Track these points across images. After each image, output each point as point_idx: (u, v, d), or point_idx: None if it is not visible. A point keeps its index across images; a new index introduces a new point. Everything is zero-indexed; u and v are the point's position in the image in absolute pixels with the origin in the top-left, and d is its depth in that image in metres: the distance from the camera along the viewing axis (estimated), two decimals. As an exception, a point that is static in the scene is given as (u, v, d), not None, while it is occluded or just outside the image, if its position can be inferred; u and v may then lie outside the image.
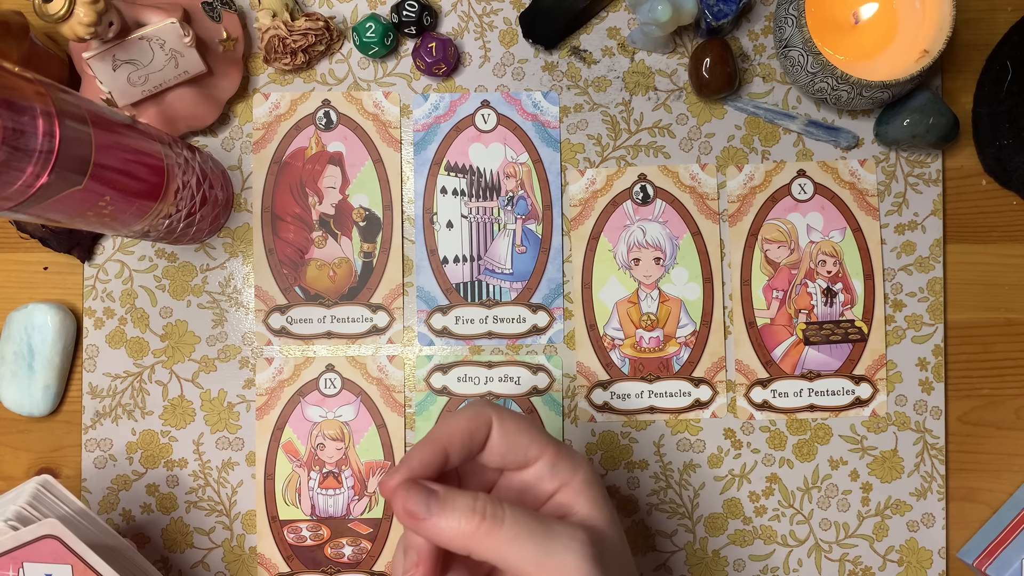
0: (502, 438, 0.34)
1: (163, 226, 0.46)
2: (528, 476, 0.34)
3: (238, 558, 0.52)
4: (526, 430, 0.34)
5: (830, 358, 0.51)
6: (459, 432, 0.33)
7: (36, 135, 0.34)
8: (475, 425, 0.33)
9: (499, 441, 0.34)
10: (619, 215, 0.52)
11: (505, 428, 0.34)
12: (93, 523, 0.45)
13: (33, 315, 0.50)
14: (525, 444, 0.34)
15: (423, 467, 0.32)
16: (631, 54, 0.52)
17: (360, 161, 0.52)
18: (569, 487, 0.34)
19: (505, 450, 0.34)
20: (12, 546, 0.40)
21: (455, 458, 0.33)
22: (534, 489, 0.34)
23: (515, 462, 0.34)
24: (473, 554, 0.31)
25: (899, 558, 0.51)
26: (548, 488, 0.34)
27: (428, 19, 0.51)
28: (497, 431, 0.34)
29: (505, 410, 0.34)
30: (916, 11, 0.47)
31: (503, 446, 0.34)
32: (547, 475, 0.34)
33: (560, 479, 0.34)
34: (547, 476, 0.34)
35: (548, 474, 0.34)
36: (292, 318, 0.52)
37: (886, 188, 0.52)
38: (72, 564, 0.41)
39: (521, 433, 0.34)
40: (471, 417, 0.33)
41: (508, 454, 0.34)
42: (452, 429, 0.33)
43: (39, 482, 0.43)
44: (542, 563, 0.30)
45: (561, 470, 0.34)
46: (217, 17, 0.49)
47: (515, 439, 0.34)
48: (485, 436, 0.34)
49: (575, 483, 0.34)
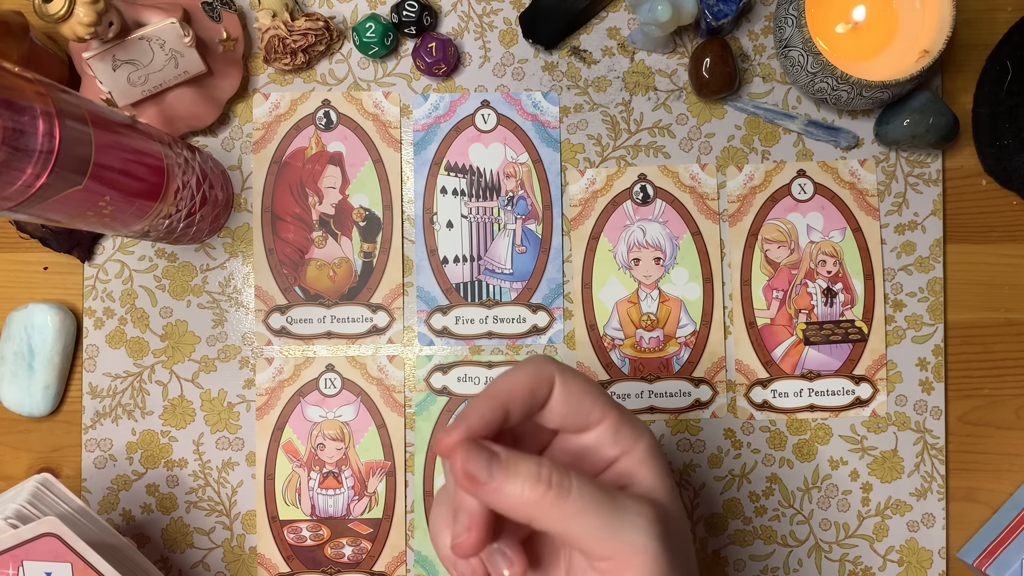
0: (565, 398, 0.31)
1: (163, 226, 0.46)
2: (587, 440, 0.32)
3: (238, 558, 0.52)
4: (589, 391, 0.32)
5: (830, 358, 0.51)
6: (520, 389, 0.31)
7: (36, 135, 0.34)
8: (537, 382, 0.31)
9: (561, 401, 0.31)
10: (619, 215, 0.52)
11: (568, 388, 0.31)
12: (93, 521, 0.45)
13: (33, 315, 0.50)
14: (588, 406, 0.31)
15: (483, 425, 0.29)
16: (631, 54, 0.52)
17: (360, 161, 0.52)
18: (631, 455, 0.32)
19: (566, 411, 0.31)
20: (12, 544, 0.40)
21: (515, 417, 0.30)
22: (593, 454, 0.32)
23: (575, 424, 0.32)
24: (535, 523, 0.29)
25: (899, 558, 0.51)
26: (609, 454, 0.32)
27: (428, 19, 0.51)
28: (560, 390, 0.31)
29: (568, 368, 0.32)
30: (916, 11, 0.47)
31: (565, 407, 0.31)
32: (609, 441, 0.32)
33: (622, 446, 0.31)
34: (609, 442, 0.32)
35: (610, 440, 0.32)
36: (292, 318, 0.52)
37: (886, 188, 0.52)
38: (72, 562, 0.41)
39: (584, 394, 0.31)
40: (533, 374, 0.31)
41: (569, 415, 0.32)
42: (513, 386, 0.31)
43: (39, 480, 0.43)
44: (609, 539, 0.28)
45: (624, 437, 0.31)
46: (217, 17, 0.49)
47: (578, 400, 0.31)
48: (547, 395, 0.31)
49: (638, 451, 0.32)
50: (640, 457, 0.31)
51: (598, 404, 0.32)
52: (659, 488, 0.31)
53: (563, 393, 0.31)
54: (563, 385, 0.31)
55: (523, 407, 0.31)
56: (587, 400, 0.31)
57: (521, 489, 0.28)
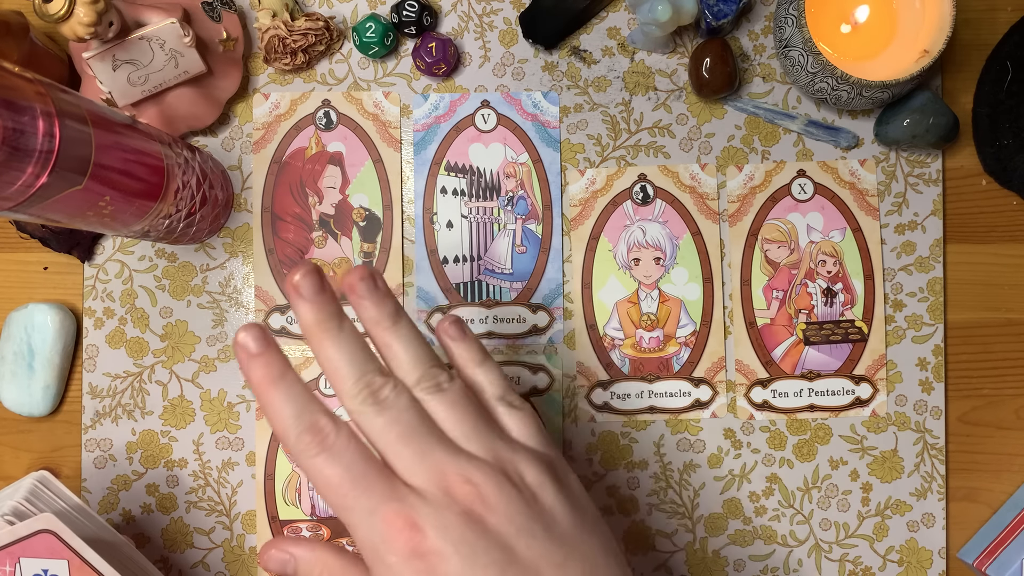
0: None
1: (163, 226, 0.46)
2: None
3: (238, 558, 0.52)
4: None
5: (830, 358, 0.51)
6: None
7: (36, 135, 0.34)
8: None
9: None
10: (619, 215, 0.52)
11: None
12: (90, 519, 0.45)
13: (33, 315, 0.50)
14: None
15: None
16: (631, 54, 0.52)
17: (360, 161, 0.52)
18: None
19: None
20: (8, 541, 0.40)
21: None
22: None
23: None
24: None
25: (899, 558, 0.51)
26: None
27: (428, 19, 0.51)
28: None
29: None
30: (916, 11, 0.47)
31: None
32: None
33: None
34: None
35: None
36: (292, 318, 0.52)
37: (886, 188, 0.52)
38: (68, 559, 0.41)
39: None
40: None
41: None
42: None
43: (36, 478, 0.43)
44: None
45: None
46: (217, 17, 0.49)
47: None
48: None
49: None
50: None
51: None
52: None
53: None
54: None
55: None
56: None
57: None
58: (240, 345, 0.31)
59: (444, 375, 0.32)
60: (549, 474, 0.31)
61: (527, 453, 0.32)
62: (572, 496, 0.32)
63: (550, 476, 0.31)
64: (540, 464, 0.32)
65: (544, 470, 0.31)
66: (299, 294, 0.31)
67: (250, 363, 0.31)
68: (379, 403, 0.31)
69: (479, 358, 0.35)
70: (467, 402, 0.32)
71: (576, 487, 0.33)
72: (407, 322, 0.33)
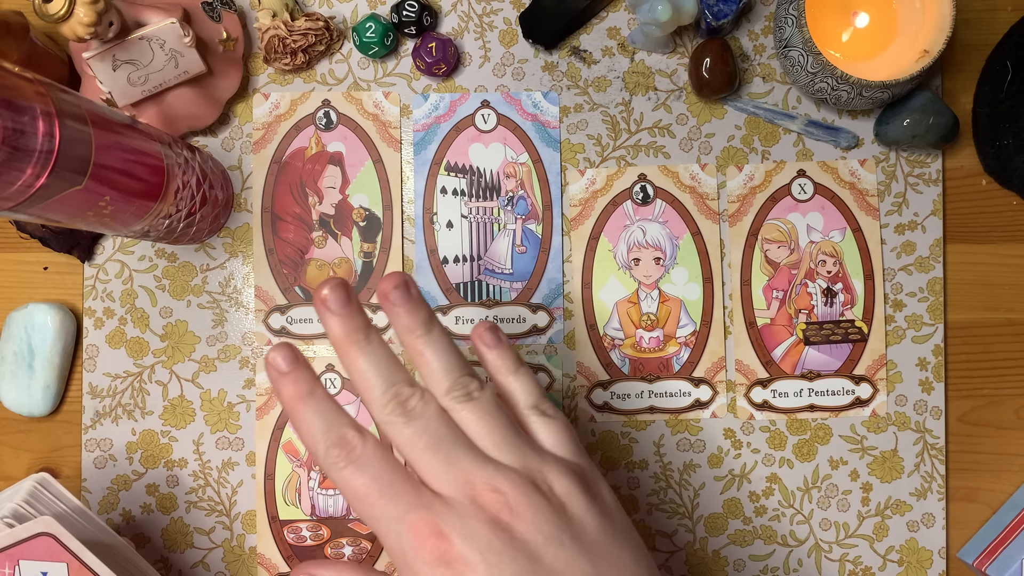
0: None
1: (163, 226, 0.46)
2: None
3: (238, 558, 0.52)
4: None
5: (830, 358, 0.51)
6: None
7: (36, 135, 0.34)
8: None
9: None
10: (619, 215, 0.52)
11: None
12: (90, 521, 0.45)
13: (33, 315, 0.50)
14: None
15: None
16: (631, 54, 0.52)
17: (360, 161, 0.52)
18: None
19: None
20: (7, 544, 0.40)
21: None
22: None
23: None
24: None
25: (899, 558, 0.51)
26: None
27: (428, 19, 0.51)
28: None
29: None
30: (916, 11, 0.47)
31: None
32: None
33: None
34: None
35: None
36: (292, 318, 0.52)
37: (886, 188, 0.52)
38: (68, 562, 0.41)
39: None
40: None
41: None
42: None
43: (36, 480, 0.43)
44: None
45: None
46: (217, 17, 0.49)
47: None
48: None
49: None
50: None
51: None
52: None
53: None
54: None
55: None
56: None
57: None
58: (270, 364, 0.32)
59: (475, 384, 0.32)
60: (579, 484, 0.31)
61: (557, 463, 0.32)
62: (602, 506, 0.32)
63: (580, 486, 0.31)
64: (570, 474, 0.31)
65: (574, 480, 0.31)
66: (327, 307, 0.32)
67: (280, 381, 0.32)
68: (407, 413, 0.31)
69: (513, 366, 0.35)
70: (498, 411, 0.32)
71: (608, 497, 0.33)
72: (440, 330, 0.33)
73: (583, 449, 0.34)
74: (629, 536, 0.32)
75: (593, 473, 0.33)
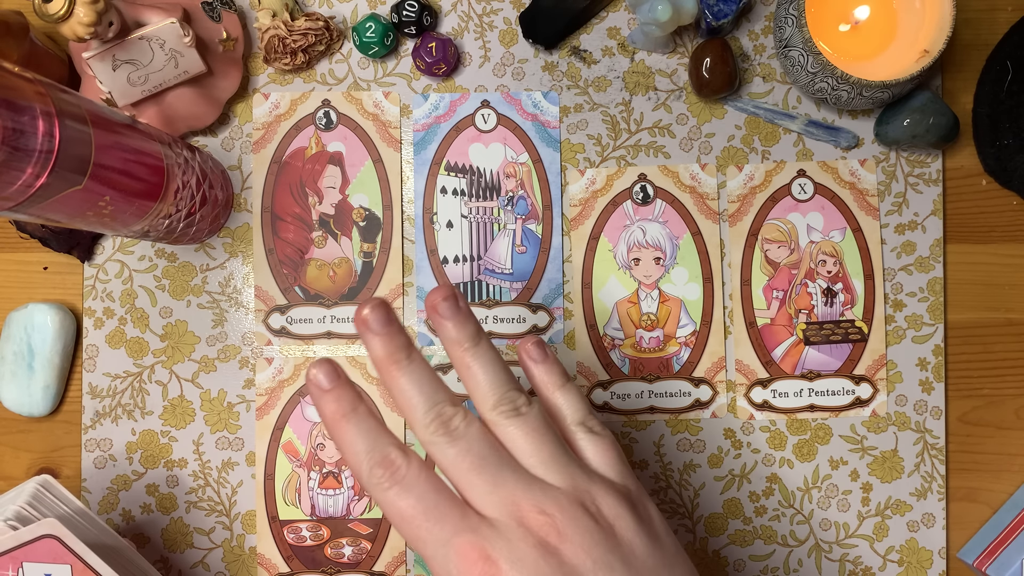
0: None
1: (163, 226, 0.46)
2: None
3: (238, 558, 0.52)
4: None
5: (830, 358, 0.51)
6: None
7: (36, 135, 0.34)
8: None
9: None
10: (619, 215, 0.52)
11: None
12: (92, 523, 0.45)
13: (33, 315, 0.50)
14: None
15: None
16: (631, 54, 0.52)
17: (360, 161, 0.52)
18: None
19: None
20: (11, 546, 0.40)
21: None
22: None
23: None
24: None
25: (899, 558, 0.51)
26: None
27: (428, 19, 0.51)
28: None
29: None
30: (916, 11, 0.47)
31: None
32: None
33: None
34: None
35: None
36: (292, 318, 0.52)
37: (886, 188, 0.52)
38: (71, 564, 0.41)
39: None
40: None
41: None
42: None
43: (39, 482, 0.43)
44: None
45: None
46: (217, 17, 0.49)
47: None
48: None
49: None
50: None
51: None
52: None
53: None
54: None
55: None
56: None
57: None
58: (312, 381, 0.31)
59: (522, 399, 0.32)
60: (627, 506, 0.31)
61: (604, 484, 0.31)
62: (651, 529, 0.31)
63: (628, 508, 0.31)
64: (618, 495, 0.31)
65: (622, 501, 0.31)
66: (368, 328, 0.32)
67: (322, 398, 0.31)
68: (450, 433, 0.30)
69: (560, 381, 0.35)
70: (545, 428, 0.32)
71: (656, 518, 0.32)
72: (487, 344, 0.33)
73: (630, 469, 0.34)
74: (678, 558, 0.31)
75: (641, 494, 0.32)
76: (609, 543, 0.29)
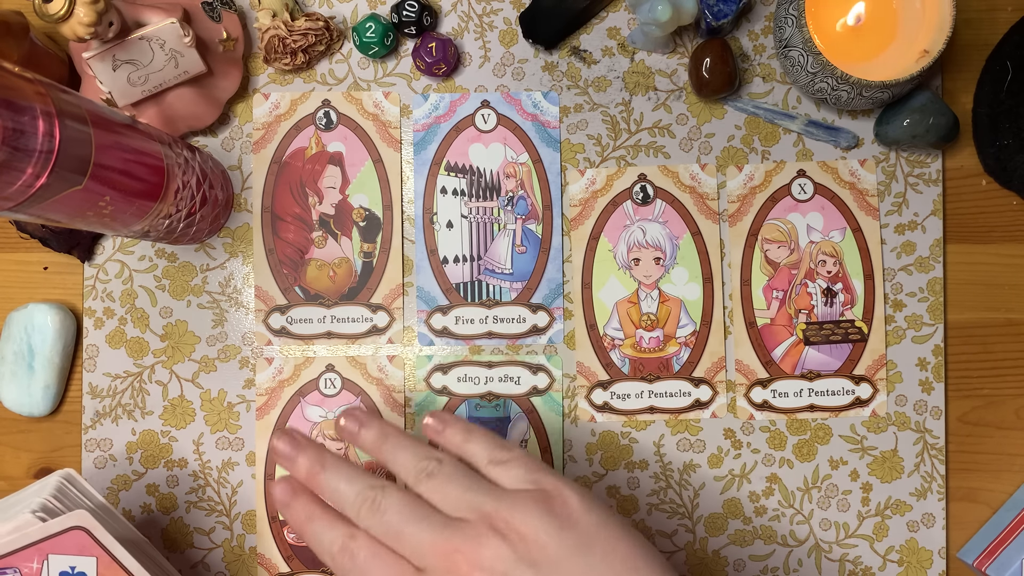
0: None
1: (163, 226, 0.46)
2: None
3: (238, 558, 0.52)
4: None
5: (830, 358, 0.51)
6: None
7: (36, 135, 0.34)
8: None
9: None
10: (619, 215, 0.52)
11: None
12: (114, 518, 0.45)
13: (33, 315, 0.50)
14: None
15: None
16: (631, 54, 0.52)
17: (360, 161, 0.52)
18: None
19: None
20: (40, 537, 0.40)
21: None
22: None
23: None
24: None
25: (899, 558, 0.51)
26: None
27: (428, 19, 0.51)
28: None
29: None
30: (916, 11, 0.47)
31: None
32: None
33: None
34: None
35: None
36: (292, 318, 0.52)
37: (886, 188, 0.52)
38: (98, 556, 0.41)
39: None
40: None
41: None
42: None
43: (62, 475, 0.43)
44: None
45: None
46: (217, 17, 0.49)
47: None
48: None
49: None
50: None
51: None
52: None
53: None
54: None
55: None
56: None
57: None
58: (273, 495, 0.37)
59: (433, 463, 0.36)
60: (539, 508, 0.34)
61: (516, 498, 0.34)
62: (566, 518, 0.34)
63: (539, 509, 0.34)
64: (528, 503, 0.34)
65: (531, 507, 0.34)
66: (282, 456, 0.38)
67: (287, 510, 0.37)
68: (375, 508, 0.35)
69: (460, 438, 0.38)
70: (456, 474, 0.36)
71: (575, 503, 0.35)
72: (394, 434, 0.38)
73: (544, 466, 0.37)
74: (602, 532, 0.34)
75: (558, 486, 0.35)
76: (518, 553, 0.33)
